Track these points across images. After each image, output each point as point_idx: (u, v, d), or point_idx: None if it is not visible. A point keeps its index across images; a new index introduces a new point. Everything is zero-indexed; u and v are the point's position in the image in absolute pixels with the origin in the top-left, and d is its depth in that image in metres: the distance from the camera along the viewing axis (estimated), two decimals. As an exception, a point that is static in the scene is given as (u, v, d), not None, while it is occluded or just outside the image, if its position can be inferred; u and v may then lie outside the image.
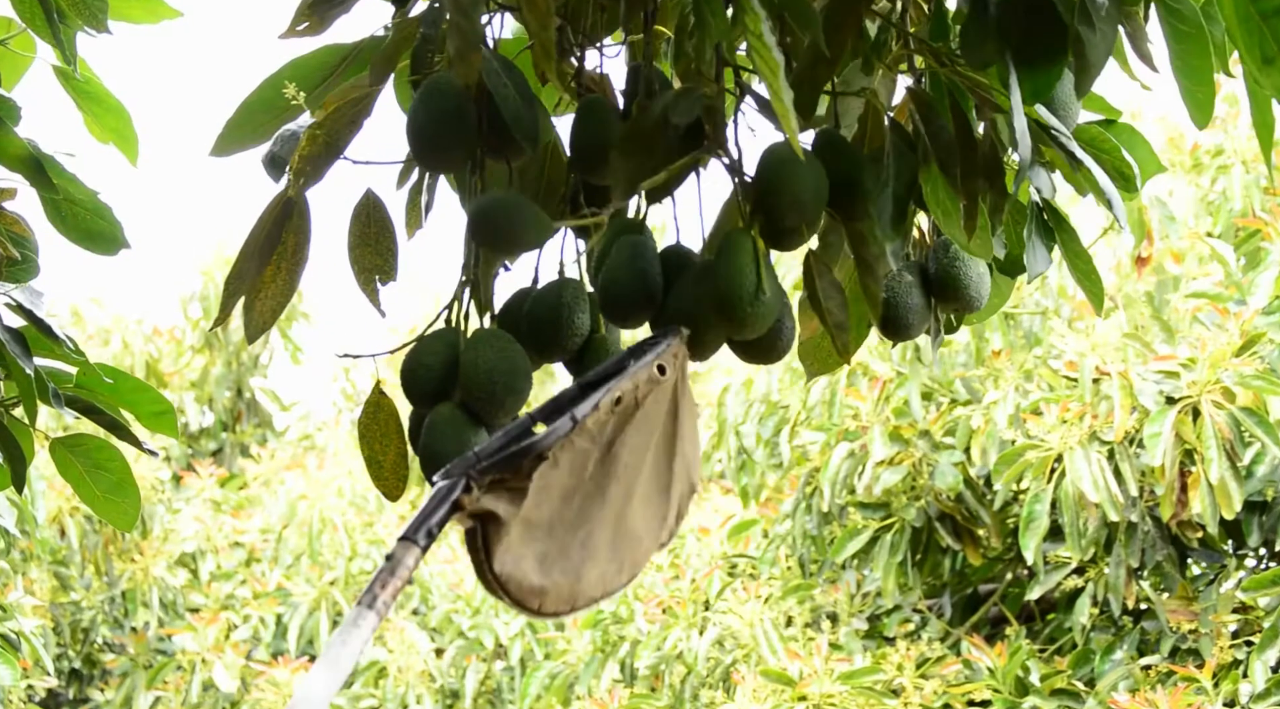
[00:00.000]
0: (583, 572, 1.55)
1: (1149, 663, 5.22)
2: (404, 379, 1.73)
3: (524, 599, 1.52)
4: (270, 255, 1.76)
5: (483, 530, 1.48)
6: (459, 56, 1.63)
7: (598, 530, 1.55)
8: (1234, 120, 5.63)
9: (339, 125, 1.70)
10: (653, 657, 5.82)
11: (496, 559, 1.49)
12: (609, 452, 1.55)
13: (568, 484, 1.52)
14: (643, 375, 1.56)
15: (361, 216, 1.77)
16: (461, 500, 1.46)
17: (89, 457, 2.50)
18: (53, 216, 2.43)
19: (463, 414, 1.68)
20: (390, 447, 1.76)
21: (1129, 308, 5.50)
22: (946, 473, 5.48)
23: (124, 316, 9.15)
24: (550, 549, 1.52)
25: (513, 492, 1.48)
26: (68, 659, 7.69)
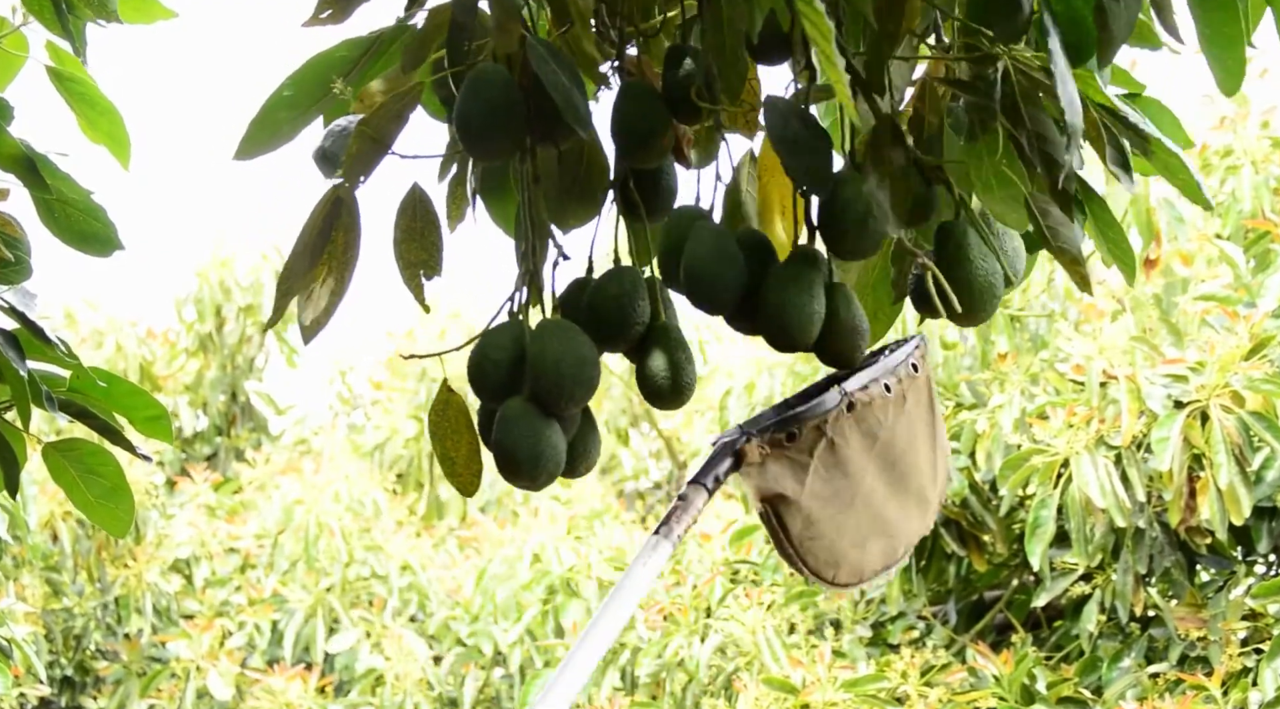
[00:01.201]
0: (868, 545, 1.72)
1: (1157, 671, 5.19)
2: (471, 374, 1.74)
3: (820, 570, 1.69)
4: (321, 253, 1.76)
5: (774, 510, 1.65)
6: (499, 27, 1.65)
7: (882, 509, 1.72)
8: (1243, 121, 5.60)
9: (385, 120, 1.70)
10: (654, 664, 5.79)
11: (794, 535, 1.66)
12: (889, 438, 1.72)
13: (856, 463, 1.69)
14: (903, 370, 1.73)
15: (408, 211, 1.78)
16: (743, 449, 1.63)
17: (82, 462, 2.49)
18: (45, 218, 2.42)
19: (533, 407, 1.70)
20: (462, 442, 1.77)
21: (1137, 310, 5.47)
22: (951, 478, 5.44)
23: (118, 319, 9.11)
24: (843, 523, 1.68)
25: (796, 466, 1.66)
26: (60, 666, 7.63)
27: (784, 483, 1.64)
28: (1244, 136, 5.59)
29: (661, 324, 1.77)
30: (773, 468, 1.64)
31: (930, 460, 1.77)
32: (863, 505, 1.70)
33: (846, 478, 1.68)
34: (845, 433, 1.67)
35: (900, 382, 1.72)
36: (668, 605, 5.90)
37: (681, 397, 1.76)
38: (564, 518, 7.27)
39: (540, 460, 1.68)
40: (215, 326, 9.40)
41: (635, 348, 1.77)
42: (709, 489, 1.63)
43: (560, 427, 1.71)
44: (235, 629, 7.48)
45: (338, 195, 1.73)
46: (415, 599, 7.69)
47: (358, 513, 7.93)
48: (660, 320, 1.77)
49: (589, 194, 1.80)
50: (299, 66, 1.80)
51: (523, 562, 6.98)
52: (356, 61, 1.80)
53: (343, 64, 1.80)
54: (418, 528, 8.27)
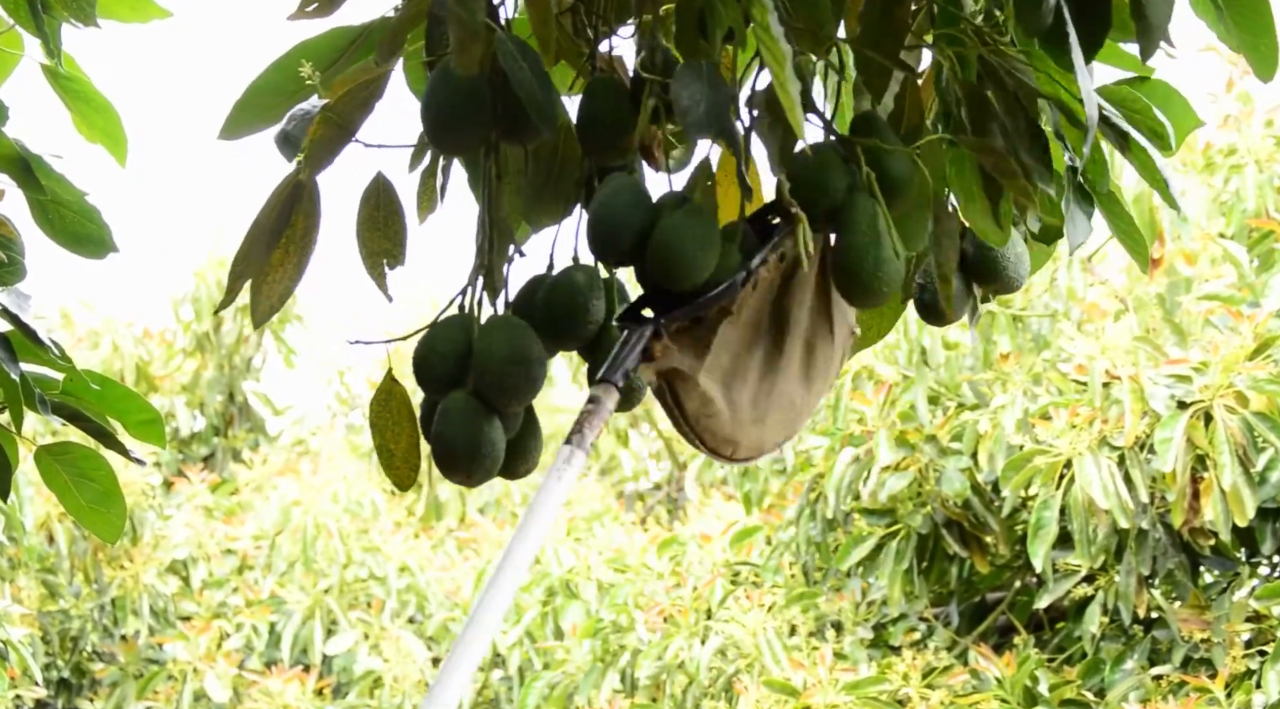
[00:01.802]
0: (768, 419, 1.69)
1: (1160, 673, 5.17)
2: (416, 366, 1.72)
3: (718, 447, 1.67)
4: (279, 239, 1.74)
5: (670, 387, 1.62)
6: (460, 47, 1.62)
7: (780, 380, 1.69)
8: (1247, 119, 5.57)
9: (350, 107, 1.69)
10: (654, 666, 5.78)
11: (690, 412, 1.63)
12: (780, 305, 1.68)
13: (747, 337, 1.66)
14: (794, 232, 1.68)
15: (371, 200, 1.77)
16: (651, 345, 1.60)
17: (75, 465, 2.47)
18: (40, 219, 2.41)
19: (476, 402, 1.68)
20: (402, 435, 1.75)
21: (1140, 310, 5.45)
22: (953, 479, 5.43)
23: (114, 319, 9.09)
24: (741, 400, 1.66)
25: (698, 345, 1.63)
26: (56, 668, 7.61)
27: (683, 360, 1.62)
28: (1248, 135, 5.57)
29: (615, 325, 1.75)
30: (673, 348, 1.62)
31: (827, 321, 1.73)
32: (762, 379, 1.67)
33: (748, 354, 1.65)
34: (748, 308, 1.65)
35: (796, 245, 1.68)
36: (668, 607, 5.88)
37: (631, 399, 1.73)
38: (563, 519, 7.25)
39: (478, 456, 1.67)
40: (213, 326, 9.38)
41: (588, 347, 1.76)
42: (619, 387, 1.60)
43: (502, 424, 1.69)
44: (233, 631, 7.46)
45: (298, 180, 1.72)
46: (414, 600, 7.66)
47: (356, 514, 7.91)
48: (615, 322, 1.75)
49: (562, 192, 1.79)
50: (285, 52, 1.79)
51: (522, 563, 6.95)
52: (343, 50, 1.79)
53: (329, 52, 1.78)
54: (416, 529, 8.25)
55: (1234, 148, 5.62)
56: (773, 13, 1.53)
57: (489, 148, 1.73)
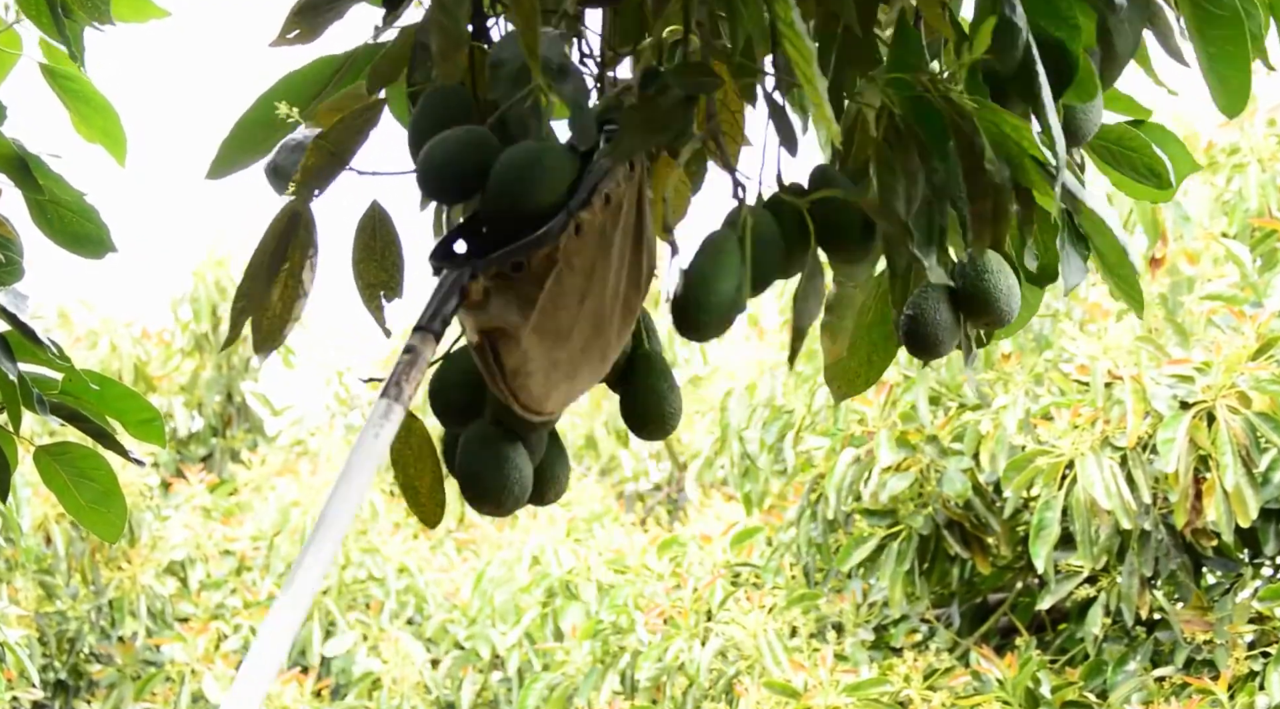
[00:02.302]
0: (579, 372, 1.61)
1: (1163, 674, 5.16)
2: (433, 398, 1.68)
3: (531, 404, 1.58)
4: (277, 272, 1.72)
5: (492, 345, 1.54)
6: (442, 55, 1.60)
7: (597, 331, 1.61)
8: (1250, 118, 5.56)
9: (345, 136, 1.66)
10: (654, 668, 5.76)
11: (508, 370, 1.55)
12: (611, 252, 1.60)
13: (580, 289, 1.57)
14: (620, 172, 1.59)
15: (366, 230, 1.74)
16: (467, 287, 1.52)
17: (74, 465, 2.47)
18: (38, 219, 2.43)
19: (497, 430, 1.64)
20: (425, 471, 1.72)
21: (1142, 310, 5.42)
22: (955, 479, 5.41)
23: (112, 319, 9.07)
24: (559, 357, 1.58)
25: (522, 300, 1.55)
26: (53, 670, 7.59)
27: (506, 318, 1.54)
28: (1251, 134, 5.56)
29: (644, 351, 1.72)
30: (497, 302, 1.53)
31: (637, 263, 1.64)
32: (580, 334, 1.59)
33: (570, 308, 1.57)
34: (572, 258, 1.56)
35: (619, 185, 1.59)
36: (668, 608, 5.86)
37: (666, 426, 1.71)
38: (563, 520, 7.23)
39: (507, 485, 1.63)
40: (211, 326, 9.36)
41: (618, 377, 1.71)
42: (436, 334, 1.53)
43: (526, 449, 1.65)
44: (231, 632, 7.45)
45: (294, 210, 1.69)
46: (413, 602, 7.65)
47: (354, 514, 7.88)
48: (643, 348, 1.72)
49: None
50: (271, 86, 1.76)
51: (521, 564, 6.95)
52: (328, 80, 1.76)
53: (314, 82, 1.76)
54: (415, 530, 8.23)
55: (1236, 147, 5.61)
56: (796, 9, 1.51)
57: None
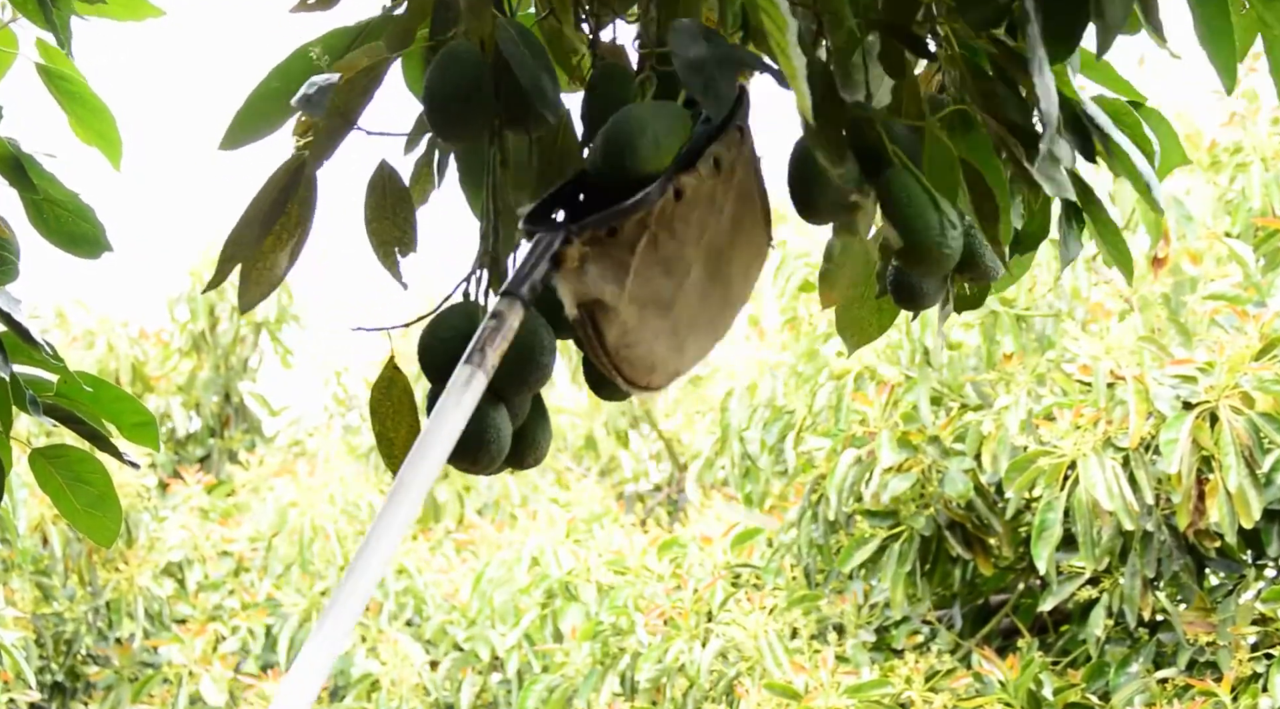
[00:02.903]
0: (686, 346, 1.57)
1: (1165, 676, 5.14)
2: (421, 353, 1.67)
3: (635, 378, 1.54)
4: (273, 224, 1.72)
5: (591, 318, 1.48)
6: (470, 10, 1.62)
7: (702, 305, 1.56)
8: (1253, 117, 5.54)
9: (351, 96, 1.67)
10: (654, 669, 5.74)
11: (610, 344, 1.49)
12: (718, 223, 1.54)
13: (681, 259, 1.52)
14: (730, 137, 1.55)
15: (377, 188, 1.75)
16: (561, 253, 1.45)
17: (70, 469, 2.44)
18: (34, 218, 2.42)
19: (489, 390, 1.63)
20: (402, 424, 1.71)
21: (1145, 310, 5.41)
22: (956, 480, 5.39)
23: (109, 319, 9.04)
24: (660, 327, 1.53)
25: (618, 266, 1.48)
26: (50, 672, 7.56)
27: (603, 287, 1.47)
28: (1254, 133, 5.54)
29: None
30: (592, 270, 1.46)
31: (759, 230, 1.61)
32: (683, 305, 1.54)
33: (669, 277, 1.51)
34: (671, 225, 1.50)
35: (730, 150, 1.54)
36: (668, 609, 5.84)
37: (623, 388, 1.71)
38: (563, 521, 7.21)
39: (484, 442, 1.62)
40: (208, 326, 9.34)
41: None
42: (525, 301, 1.46)
43: (508, 412, 1.65)
44: (228, 634, 7.43)
45: (298, 165, 1.70)
46: (411, 603, 7.62)
47: (353, 516, 7.87)
48: None
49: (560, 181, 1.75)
50: (285, 57, 1.77)
51: (521, 565, 6.93)
52: (343, 51, 1.76)
53: (330, 53, 1.76)
54: (414, 531, 8.21)
55: (1240, 146, 5.59)
56: None
57: (492, 135, 1.70)
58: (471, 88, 1.63)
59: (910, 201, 1.63)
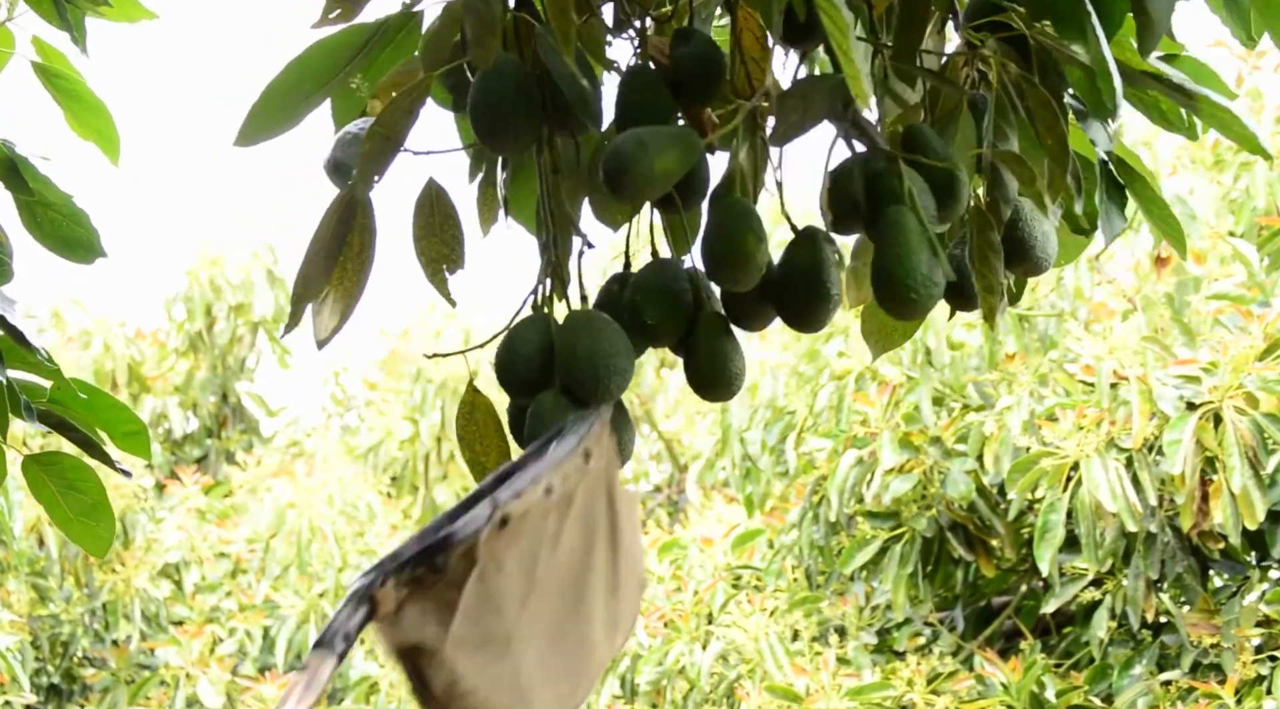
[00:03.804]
0: (533, 694, 1.37)
1: (1169, 678, 5.12)
2: (500, 371, 1.68)
3: None
4: (336, 257, 1.73)
5: (414, 666, 1.30)
6: (476, 41, 1.62)
7: (550, 643, 1.38)
8: (1257, 116, 5.52)
9: (396, 117, 1.67)
10: (654, 672, 5.72)
11: (438, 693, 1.29)
12: (555, 554, 1.38)
13: (514, 592, 1.34)
14: (570, 464, 1.40)
15: (425, 207, 1.76)
16: (375, 595, 1.28)
17: (63, 476, 2.42)
18: (28, 222, 2.42)
19: (567, 400, 1.64)
20: (492, 447, 1.73)
21: (1148, 310, 5.39)
22: (958, 481, 5.37)
23: (106, 319, 9.02)
24: (499, 674, 1.34)
25: (441, 605, 1.30)
26: (46, 674, 7.54)
27: (423, 630, 1.30)
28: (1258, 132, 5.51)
29: (706, 313, 1.73)
30: (410, 612, 1.30)
31: (612, 570, 1.44)
32: (527, 648, 1.36)
33: (501, 615, 1.33)
34: (499, 557, 1.33)
35: (567, 478, 1.40)
36: (668, 611, 5.82)
37: (732, 387, 1.72)
38: (562, 522, 7.17)
39: None
40: (205, 326, 9.32)
41: (681, 341, 1.74)
42: (339, 653, 1.29)
43: None
44: (226, 635, 7.41)
45: (353, 196, 1.72)
46: (410, 605, 7.58)
47: (351, 516, 7.85)
48: (705, 310, 1.74)
49: (597, 188, 1.77)
50: (302, 51, 1.76)
51: (520, 566, 6.89)
52: (361, 48, 1.76)
53: (347, 50, 1.76)
54: (413, 531, 8.17)
55: (1243, 145, 5.55)
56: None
57: (541, 144, 1.71)
58: (517, 97, 1.64)
59: (898, 242, 1.62)
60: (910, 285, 1.61)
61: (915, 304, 1.63)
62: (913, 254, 1.62)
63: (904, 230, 1.62)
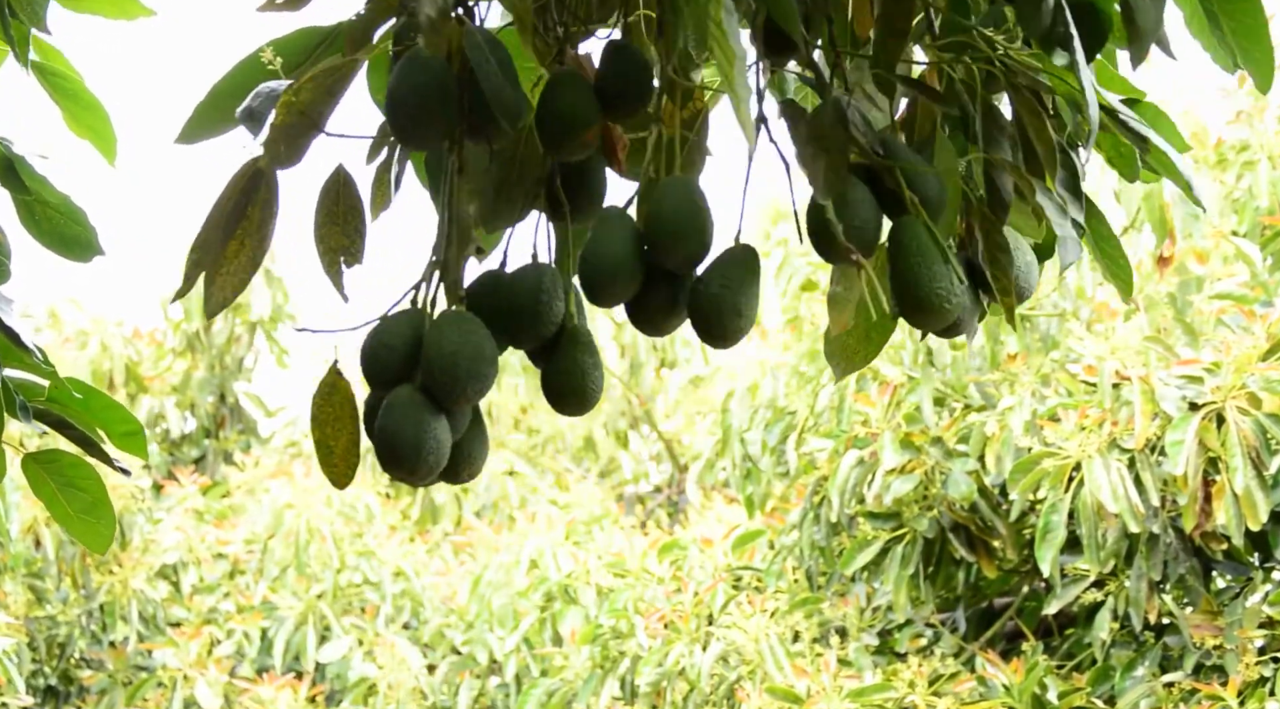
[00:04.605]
0: None
1: (1171, 680, 5.10)
2: (364, 360, 1.67)
3: None
4: (235, 229, 1.71)
5: None
6: (430, 26, 1.59)
7: None
8: (1260, 115, 5.50)
9: (315, 96, 1.64)
10: (654, 673, 5.70)
11: None
12: None
13: None
14: None
15: (331, 194, 1.73)
16: None
17: (62, 474, 2.42)
18: (26, 220, 2.42)
19: (423, 397, 1.64)
20: (343, 432, 1.70)
21: (1150, 310, 5.37)
22: (960, 482, 5.35)
23: (103, 318, 9.00)
24: None
25: None
26: (43, 676, 7.52)
27: None
28: (1261, 131, 5.51)
29: (573, 326, 1.72)
30: None
31: None
32: None
33: None
34: None
35: None
36: (668, 613, 5.81)
37: (586, 402, 1.72)
38: (562, 523, 7.17)
39: (422, 452, 1.63)
40: (203, 326, 9.29)
41: (543, 349, 1.73)
42: None
43: (449, 422, 1.65)
44: (224, 637, 7.39)
45: (257, 167, 1.69)
46: (409, 606, 7.59)
47: (350, 517, 7.83)
48: (572, 322, 1.73)
49: (520, 193, 1.75)
50: (249, 53, 1.75)
51: (519, 568, 6.90)
52: (311, 51, 1.75)
53: (297, 51, 1.74)
54: (411, 533, 8.17)
55: (1246, 144, 5.56)
56: (730, 13, 1.50)
57: (452, 143, 1.69)
58: (434, 94, 1.61)
59: (919, 251, 1.63)
60: (941, 295, 1.63)
61: (948, 312, 1.64)
62: (934, 264, 1.63)
63: (920, 241, 1.63)
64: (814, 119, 1.66)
